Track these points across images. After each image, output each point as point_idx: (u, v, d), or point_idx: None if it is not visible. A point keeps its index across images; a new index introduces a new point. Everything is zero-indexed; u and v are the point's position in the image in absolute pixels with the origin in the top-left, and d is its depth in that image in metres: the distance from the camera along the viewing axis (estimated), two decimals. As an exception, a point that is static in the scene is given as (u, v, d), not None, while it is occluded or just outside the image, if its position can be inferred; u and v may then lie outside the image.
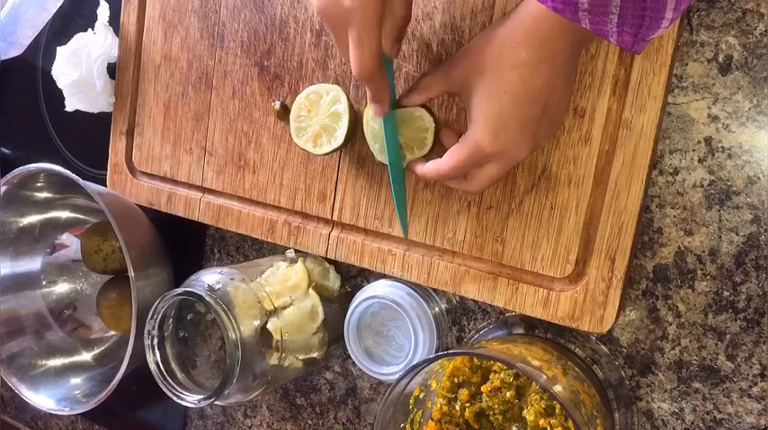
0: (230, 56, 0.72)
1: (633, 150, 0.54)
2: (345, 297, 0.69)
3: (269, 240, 0.71)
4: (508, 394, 0.58)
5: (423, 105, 0.58)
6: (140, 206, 0.78)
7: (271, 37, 0.69)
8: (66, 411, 0.79)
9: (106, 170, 0.82)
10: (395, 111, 0.58)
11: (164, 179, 0.78)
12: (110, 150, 0.81)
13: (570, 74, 0.51)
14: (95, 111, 0.81)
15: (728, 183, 0.54)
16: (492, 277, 0.60)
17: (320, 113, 0.63)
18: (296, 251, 0.70)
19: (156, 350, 0.64)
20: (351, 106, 0.62)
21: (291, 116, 0.64)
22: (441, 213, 0.62)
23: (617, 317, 0.56)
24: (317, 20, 0.66)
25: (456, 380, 0.60)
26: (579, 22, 0.45)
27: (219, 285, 0.62)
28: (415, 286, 0.65)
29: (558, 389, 0.51)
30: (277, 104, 0.68)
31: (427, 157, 0.58)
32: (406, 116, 0.58)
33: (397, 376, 0.56)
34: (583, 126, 0.56)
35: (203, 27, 0.73)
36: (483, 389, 0.59)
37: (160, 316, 0.63)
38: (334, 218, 0.67)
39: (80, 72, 0.79)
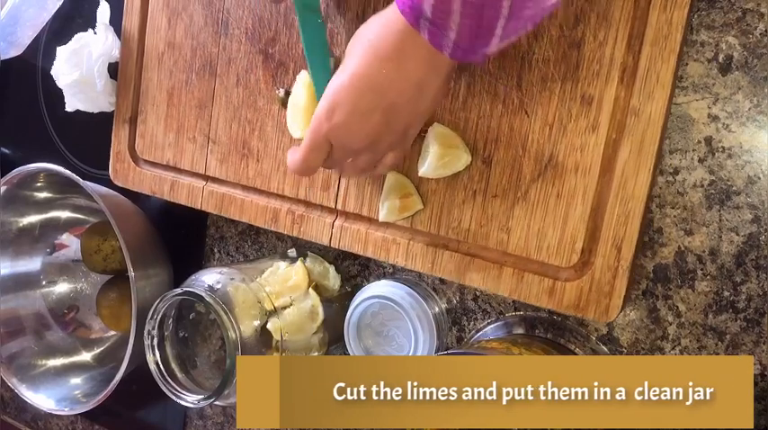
0: (234, 43, 0.71)
1: (641, 138, 0.53)
2: (345, 297, 0.69)
3: (272, 229, 0.70)
4: (508, 394, 0.58)
5: None
6: (141, 204, 0.78)
7: (276, 24, 0.68)
8: (66, 411, 0.79)
9: (106, 170, 0.82)
10: None
11: (167, 167, 0.77)
12: (112, 138, 0.80)
13: (424, 89, 0.49)
14: (95, 110, 0.81)
15: (728, 183, 0.54)
16: (497, 266, 0.60)
17: None
18: (297, 248, 0.70)
19: (156, 350, 0.64)
20: None
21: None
22: (446, 202, 0.62)
23: (623, 306, 0.56)
24: (323, 6, 0.65)
25: (456, 380, 0.60)
26: (419, 29, 0.45)
27: (219, 285, 0.62)
28: (415, 286, 0.65)
29: (558, 388, 0.51)
30: (281, 92, 0.68)
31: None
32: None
33: (397, 376, 0.56)
34: (590, 114, 0.55)
35: (207, 14, 0.72)
36: (483, 389, 0.59)
37: (160, 316, 0.63)
38: (338, 206, 0.67)
39: (80, 72, 0.79)
